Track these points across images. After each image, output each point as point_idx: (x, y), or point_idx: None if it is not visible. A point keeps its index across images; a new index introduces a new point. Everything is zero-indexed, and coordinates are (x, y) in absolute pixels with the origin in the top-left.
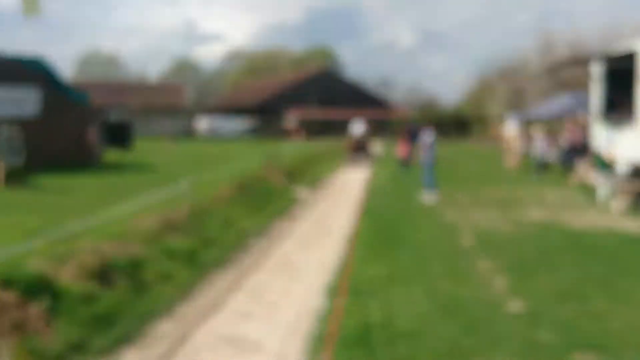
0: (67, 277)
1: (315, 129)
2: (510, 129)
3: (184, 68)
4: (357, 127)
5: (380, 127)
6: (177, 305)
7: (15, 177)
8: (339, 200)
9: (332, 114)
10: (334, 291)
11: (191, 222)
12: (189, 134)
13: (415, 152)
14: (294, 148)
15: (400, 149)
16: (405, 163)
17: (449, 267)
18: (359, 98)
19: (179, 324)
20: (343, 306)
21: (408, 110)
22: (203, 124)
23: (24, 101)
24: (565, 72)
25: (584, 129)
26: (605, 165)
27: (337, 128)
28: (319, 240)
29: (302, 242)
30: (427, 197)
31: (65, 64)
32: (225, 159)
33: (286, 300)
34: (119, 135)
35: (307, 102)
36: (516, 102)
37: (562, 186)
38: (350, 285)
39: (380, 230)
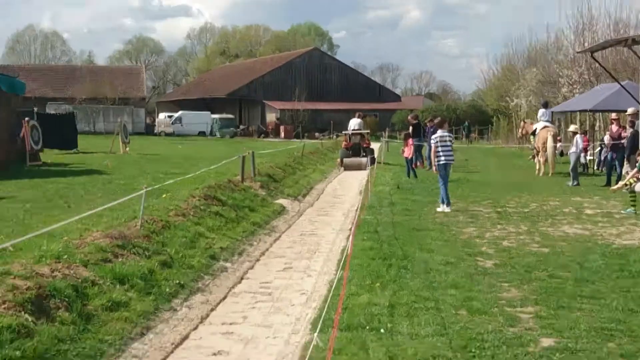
0: None
1: (303, 125)
2: (541, 125)
3: (140, 49)
4: (354, 123)
5: (382, 122)
6: (130, 344)
7: None
8: (330, 212)
9: (323, 107)
10: (322, 325)
11: (149, 239)
12: (147, 130)
13: (425, 154)
14: (276, 148)
15: (405, 150)
16: (413, 167)
17: (466, 295)
18: (355, 88)
19: None
20: (333, 345)
21: (415, 102)
22: (165, 118)
23: None
24: (606, 56)
25: (635, 125)
26: None
27: (329, 124)
28: (304, 261)
29: (284, 262)
30: (440, 209)
31: None
32: (191, 162)
33: (265, 336)
34: (60, 131)
35: (293, 93)
36: (548, 92)
37: (604, 195)
38: (342, 318)
39: (380, 249)
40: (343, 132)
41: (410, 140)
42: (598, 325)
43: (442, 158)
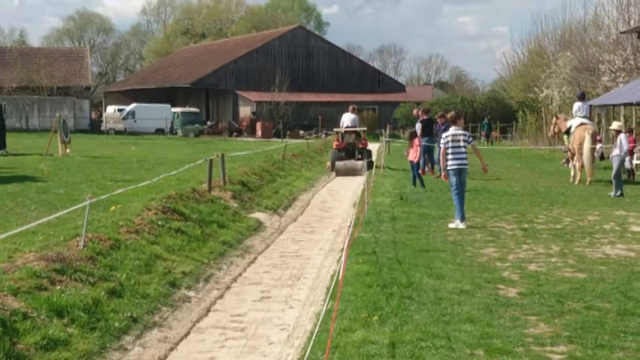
0: None
1: (285, 122)
2: (577, 121)
3: (84, 26)
4: (348, 119)
5: (382, 118)
6: None
7: None
8: (317, 229)
9: (310, 99)
10: None
11: (94, 261)
12: (92, 126)
13: (436, 157)
14: (252, 150)
15: (411, 153)
16: (420, 173)
17: (484, 331)
18: (349, 75)
19: None
20: None
21: (423, 93)
22: (115, 112)
23: None
24: None
25: None
26: None
27: (317, 120)
28: (285, 289)
29: (261, 291)
30: (453, 225)
31: None
32: (147, 167)
33: None
34: None
35: (272, 82)
36: (585, 82)
37: None
38: None
39: (379, 275)
40: (334, 129)
41: (416, 140)
42: None
43: (454, 162)
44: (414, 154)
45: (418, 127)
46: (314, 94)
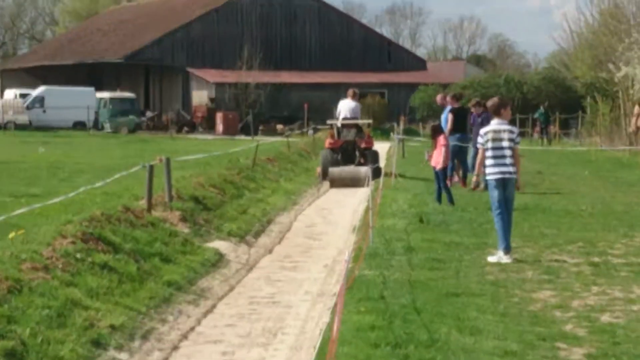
0: None
1: (256, 112)
2: None
3: None
4: (346, 108)
5: (394, 106)
6: None
7: None
8: (302, 264)
9: (292, 79)
10: None
11: None
12: None
13: (470, 163)
14: (209, 152)
15: (434, 155)
16: (447, 184)
17: None
18: (347, 47)
19: None
20: None
21: (451, 70)
22: (15, 97)
23: None
24: None
25: None
26: None
27: (302, 109)
28: (256, 350)
29: (221, 352)
30: (494, 258)
31: None
32: (62, 176)
33: None
34: None
35: (239, 56)
36: None
37: None
38: None
39: (389, 329)
40: (327, 122)
41: (441, 138)
42: None
43: (496, 170)
44: (438, 158)
45: (444, 119)
46: (298, 74)
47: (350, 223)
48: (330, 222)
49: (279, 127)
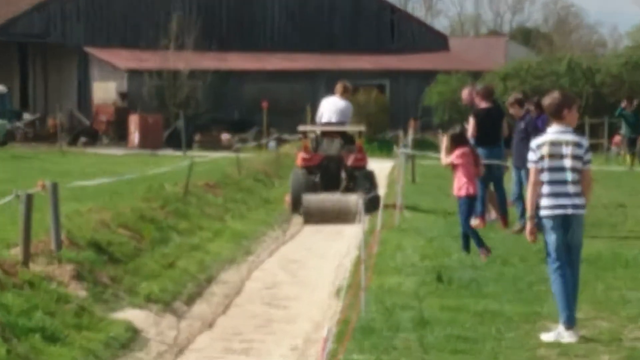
0: None
1: (191, 115)
2: None
3: None
4: (331, 109)
5: (398, 106)
6: None
7: None
8: (257, 345)
9: (246, 65)
10: None
11: None
12: None
13: (512, 192)
14: (118, 175)
15: (457, 179)
16: (477, 222)
17: None
18: (328, 19)
19: None
20: None
21: (484, 51)
22: None
23: None
24: None
25: None
26: None
27: (259, 112)
28: None
29: None
30: (550, 336)
31: None
32: None
33: None
34: None
35: (163, 30)
36: None
37: None
38: None
39: None
40: (299, 128)
41: (462, 152)
42: None
43: (553, 201)
44: (463, 182)
45: (470, 125)
46: (254, 56)
47: (333, 282)
48: (302, 281)
49: (225, 136)
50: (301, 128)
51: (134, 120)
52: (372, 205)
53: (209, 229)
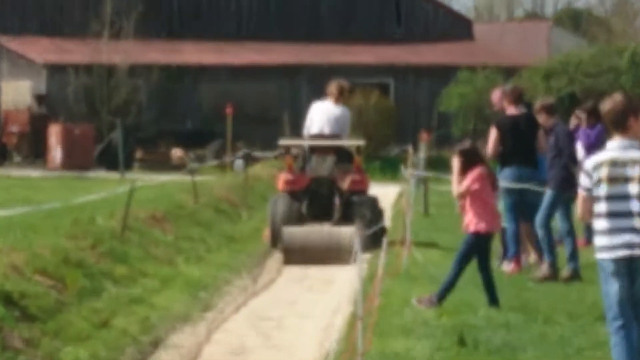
0: None
1: (132, 124)
2: None
3: None
4: (326, 117)
5: (407, 113)
6: None
7: None
8: None
9: (206, 60)
10: None
11: None
12: None
13: (559, 226)
14: (32, 203)
15: (469, 208)
16: (513, 265)
17: None
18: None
19: None
20: None
21: (522, 40)
22: None
23: None
24: None
25: None
26: None
27: (223, 120)
28: None
29: None
30: None
31: None
32: None
33: None
34: None
35: (96, 13)
36: None
37: None
38: None
39: None
40: (280, 142)
41: (479, 174)
42: None
43: (614, 239)
44: (477, 212)
45: (490, 139)
46: (214, 47)
47: (319, 348)
48: (278, 345)
49: (176, 153)
50: (283, 142)
51: (55, 132)
52: (374, 241)
53: (155, 275)
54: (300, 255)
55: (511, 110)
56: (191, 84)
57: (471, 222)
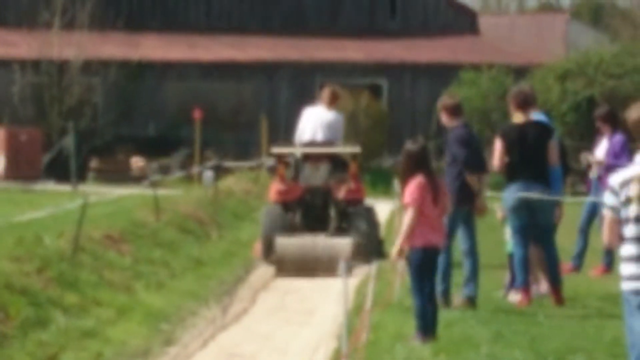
0: None
1: (86, 130)
2: None
3: None
4: (320, 124)
5: (402, 116)
6: None
7: None
8: None
9: (172, 55)
10: None
11: None
12: None
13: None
14: None
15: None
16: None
17: None
18: None
19: None
20: None
21: (530, 40)
22: None
23: None
24: None
25: None
26: None
27: (191, 123)
28: None
29: None
30: None
31: None
32: None
33: None
34: None
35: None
36: None
37: None
38: None
39: None
40: (273, 150)
41: (417, 184)
42: None
43: None
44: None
45: (495, 151)
46: (181, 40)
47: None
48: None
49: (136, 162)
50: (276, 150)
51: None
52: (370, 252)
53: (111, 304)
54: (293, 266)
55: (518, 117)
56: (154, 82)
57: (417, 234)
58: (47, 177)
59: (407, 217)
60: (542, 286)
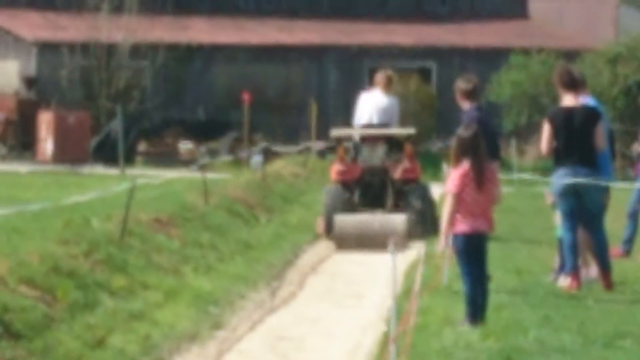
0: None
1: (134, 113)
2: None
3: None
4: (375, 108)
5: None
6: None
7: None
8: None
9: (222, 39)
10: None
11: None
12: None
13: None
14: (22, 202)
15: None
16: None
17: None
18: None
19: None
20: None
21: (580, 24)
22: None
23: None
24: None
25: None
26: None
27: (241, 106)
28: None
29: None
30: None
31: None
32: None
33: None
34: None
35: None
36: None
37: None
38: None
39: None
40: (332, 133)
41: (463, 172)
42: None
43: None
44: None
45: (543, 135)
46: (230, 24)
47: None
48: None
49: (185, 146)
50: (335, 132)
51: (46, 120)
52: (425, 229)
53: (159, 287)
54: (351, 241)
55: (567, 100)
56: (203, 66)
57: (457, 221)
58: (95, 160)
59: (447, 205)
60: (592, 270)
